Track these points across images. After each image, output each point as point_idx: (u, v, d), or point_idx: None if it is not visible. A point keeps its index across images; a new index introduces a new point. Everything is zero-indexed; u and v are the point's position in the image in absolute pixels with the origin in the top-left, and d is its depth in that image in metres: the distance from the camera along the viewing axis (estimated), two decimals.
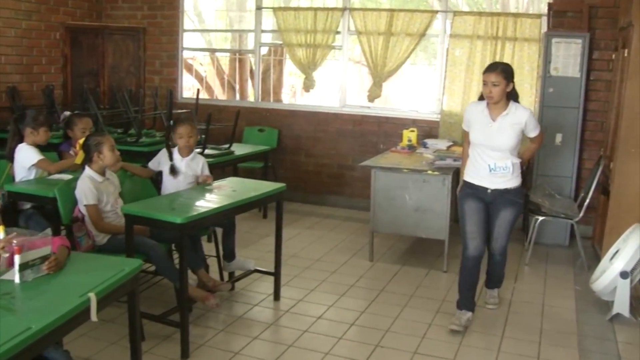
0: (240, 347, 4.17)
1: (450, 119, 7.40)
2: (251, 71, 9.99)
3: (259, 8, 8.42)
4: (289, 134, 8.31)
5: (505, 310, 4.91)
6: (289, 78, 11.32)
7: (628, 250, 4.69)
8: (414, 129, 7.08)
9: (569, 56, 6.42)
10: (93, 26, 8.91)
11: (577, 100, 6.49)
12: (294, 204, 7.90)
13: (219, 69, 11.19)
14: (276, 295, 5.01)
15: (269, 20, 8.78)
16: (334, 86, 8.39)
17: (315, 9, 7.98)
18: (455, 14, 7.34)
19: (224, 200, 4.37)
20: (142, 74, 9.08)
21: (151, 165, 5.07)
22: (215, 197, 4.45)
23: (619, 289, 4.65)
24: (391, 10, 7.61)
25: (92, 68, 8.86)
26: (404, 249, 6.43)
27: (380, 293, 5.22)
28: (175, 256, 4.74)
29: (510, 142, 4.39)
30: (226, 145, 6.82)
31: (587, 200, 5.90)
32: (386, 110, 8.07)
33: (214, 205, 4.22)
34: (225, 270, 5.11)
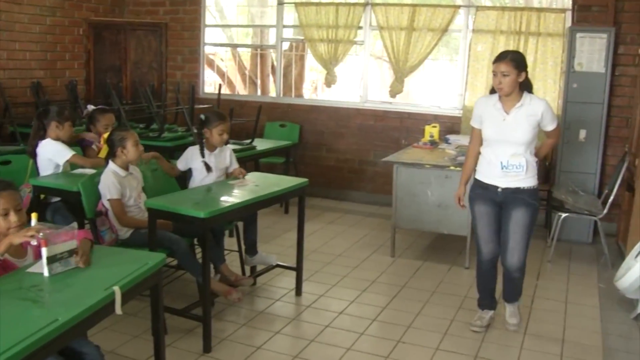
0: (262, 342, 4.19)
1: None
2: (272, 66, 10.00)
3: (280, 3, 8.41)
4: (311, 129, 8.31)
5: (528, 307, 4.87)
6: (309, 74, 11.30)
7: None
8: (436, 125, 7.05)
9: (593, 51, 6.35)
10: (116, 22, 8.96)
11: (602, 95, 6.42)
12: (315, 199, 7.91)
13: (240, 65, 11.20)
14: (298, 290, 5.01)
15: (290, 16, 8.78)
16: (355, 81, 8.37)
17: (337, 4, 7.96)
18: (478, 9, 7.29)
19: (247, 195, 4.39)
20: (164, 69, 9.13)
21: (180, 165, 5.00)
22: (239, 192, 4.46)
23: None
24: (413, 5, 7.56)
25: (115, 63, 8.91)
26: (425, 245, 6.41)
27: (401, 289, 5.21)
28: (198, 250, 4.78)
29: (526, 136, 4.08)
30: (248, 141, 6.83)
31: (612, 197, 5.84)
32: (408, 106, 8.04)
33: (237, 200, 4.23)
34: (247, 265, 5.12)
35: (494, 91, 4.18)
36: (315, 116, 8.29)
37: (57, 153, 5.04)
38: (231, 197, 4.32)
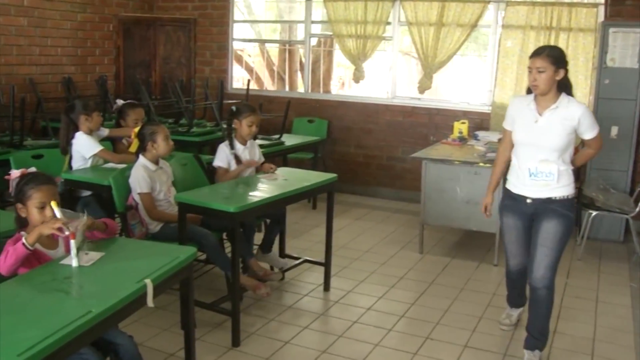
0: (290, 337, 4.20)
1: (502, 111, 7.26)
2: (300, 62, 10.00)
3: None
4: (339, 125, 8.29)
5: (558, 305, 4.81)
6: (337, 69, 11.29)
7: None
8: (465, 121, 6.99)
9: (627, 46, 6.26)
10: (145, 18, 9.03)
11: (635, 92, 6.32)
12: (343, 195, 7.89)
13: (268, 60, 11.22)
14: (326, 286, 5.01)
15: (318, 12, 8.77)
16: (383, 77, 8.34)
17: (366, 0, 7.93)
18: (508, 4, 7.22)
19: (276, 190, 4.39)
20: (193, 64, 9.17)
21: (222, 164, 4.93)
22: (268, 187, 4.47)
23: None
24: (442, 0, 7.50)
25: (144, 59, 8.98)
26: (453, 241, 6.38)
27: (430, 285, 5.19)
28: (226, 245, 4.80)
29: (558, 142, 3.68)
30: (276, 136, 6.84)
31: None
32: (437, 102, 7.99)
33: (267, 195, 4.25)
34: (257, 259, 5.11)
35: (530, 91, 3.82)
36: (344, 112, 8.27)
37: (86, 146, 5.10)
38: (260, 192, 4.34)
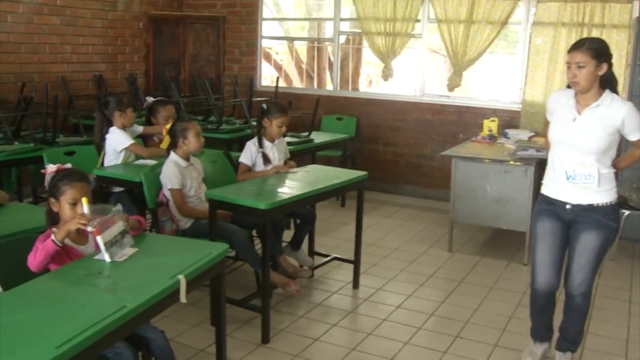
0: (320, 334, 4.20)
1: (532, 109, 7.22)
2: (329, 60, 9.99)
3: None
4: (368, 122, 8.28)
5: (590, 304, 4.76)
6: (364, 67, 11.27)
7: None
8: (495, 119, 6.94)
9: None
10: (174, 16, 9.09)
11: None
12: (371, 193, 7.87)
13: (296, 58, 11.23)
14: (355, 283, 5.01)
15: (347, 9, 8.76)
16: (411, 75, 8.31)
17: None
18: (539, 0, 7.14)
19: (307, 187, 4.40)
20: (222, 62, 9.21)
21: (247, 161, 4.92)
22: (298, 184, 4.47)
23: None
24: None
25: (174, 57, 9.04)
26: (483, 240, 6.33)
27: (459, 284, 5.16)
28: (257, 242, 4.82)
29: (597, 143, 3.37)
30: (305, 133, 6.85)
31: None
32: (466, 100, 7.94)
33: (297, 192, 4.25)
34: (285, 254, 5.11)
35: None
36: (372, 109, 8.25)
37: (117, 140, 5.16)
38: (291, 189, 4.33)
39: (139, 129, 5.54)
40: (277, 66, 10.77)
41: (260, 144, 4.92)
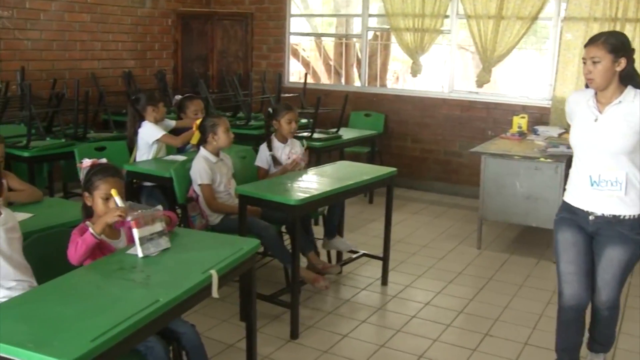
0: (349, 330, 4.20)
1: (562, 106, 7.09)
2: (356, 56, 9.98)
3: None
4: (396, 119, 8.25)
5: (622, 305, 4.67)
6: (392, 64, 11.24)
7: None
8: (525, 115, 6.87)
9: None
10: (203, 12, 9.13)
11: None
12: (399, 190, 7.82)
13: (324, 54, 11.23)
14: (384, 280, 5.00)
15: (375, 5, 8.73)
16: (438, 71, 8.26)
17: None
18: None
19: (336, 183, 4.39)
20: (250, 58, 9.24)
21: (261, 164, 5.01)
22: (328, 180, 4.47)
23: None
24: None
25: (202, 53, 9.08)
26: (512, 237, 6.28)
27: (488, 281, 5.13)
28: (285, 237, 4.83)
29: (623, 143, 3.06)
30: (334, 130, 6.84)
31: None
32: (495, 96, 7.87)
33: (327, 188, 4.25)
34: (323, 248, 5.11)
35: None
36: (400, 106, 8.22)
37: (149, 133, 5.21)
38: (321, 185, 4.34)
39: (172, 123, 5.60)
40: (305, 62, 10.78)
41: (270, 147, 4.99)
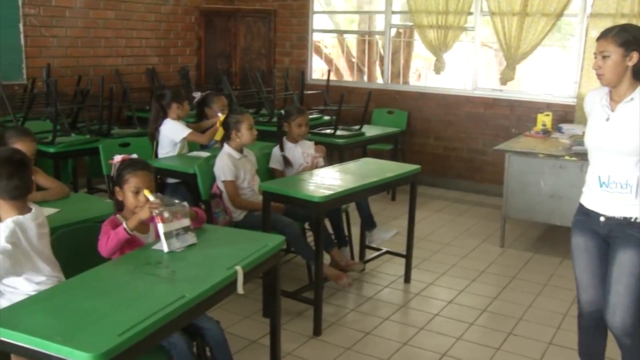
0: (371, 328, 4.20)
1: None
2: (379, 53, 9.95)
3: None
4: (418, 116, 8.21)
5: None
6: (413, 61, 11.18)
7: None
8: (549, 113, 6.81)
9: None
10: (226, 9, 9.15)
11: None
12: (422, 187, 7.77)
13: (345, 51, 11.20)
14: (406, 278, 4.99)
15: (397, 2, 8.70)
16: (461, 68, 8.21)
17: None
18: None
19: (361, 180, 4.38)
20: (273, 55, 9.25)
21: (275, 165, 5.02)
22: (352, 177, 4.46)
23: None
24: None
25: (225, 50, 9.11)
26: (535, 236, 6.24)
27: (512, 280, 5.10)
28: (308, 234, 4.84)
29: (633, 144, 2.89)
30: (357, 127, 6.83)
31: None
32: (519, 94, 7.81)
33: (351, 185, 4.24)
34: (369, 243, 5.12)
35: None
36: (423, 103, 8.19)
37: (175, 131, 5.23)
38: (345, 182, 4.33)
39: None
40: (327, 59, 10.77)
41: (281, 148, 5.00)
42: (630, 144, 2.89)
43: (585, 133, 3.16)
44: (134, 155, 3.15)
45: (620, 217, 2.97)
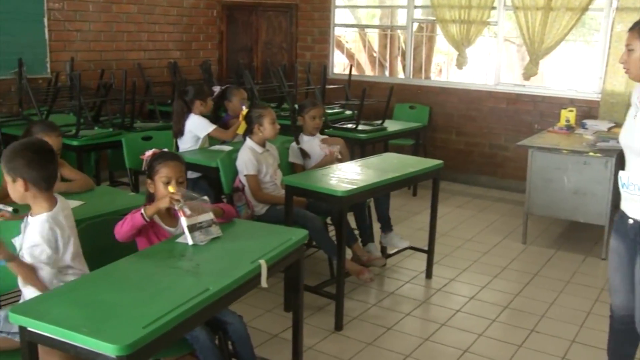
0: (393, 323, 4.19)
1: (612, 99, 6.98)
2: (400, 48, 9.91)
3: None
4: (440, 111, 8.17)
5: None
6: (435, 56, 11.13)
7: None
8: (573, 109, 6.75)
9: None
10: (248, 3, 9.15)
11: None
12: (443, 183, 7.62)
13: (366, 46, 11.18)
14: (428, 273, 4.97)
15: None
16: (482, 63, 8.15)
17: None
18: None
19: (383, 175, 4.36)
20: (294, 50, 9.24)
21: (294, 160, 5.02)
22: (374, 172, 4.45)
23: None
24: None
25: (247, 44, 9.12)
26: (558, 232, 6.19)
27: (534, 277, 5.06)
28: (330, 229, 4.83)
29: None
30: (379, 122, 6.81)
31: None
32: (542, 89, 7.74)
33: (374, 180, 4.23)
34: (382, 244, 5.09)
35: None
36: (445, 98, 8.15)
37: (200, 126, 5.25)
38: (367, 177, 4.32)
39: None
40: (349, 54, 10.75)
41: (297, 141, 5.02)
42: None
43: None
44: (165, 150, 3.17)
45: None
